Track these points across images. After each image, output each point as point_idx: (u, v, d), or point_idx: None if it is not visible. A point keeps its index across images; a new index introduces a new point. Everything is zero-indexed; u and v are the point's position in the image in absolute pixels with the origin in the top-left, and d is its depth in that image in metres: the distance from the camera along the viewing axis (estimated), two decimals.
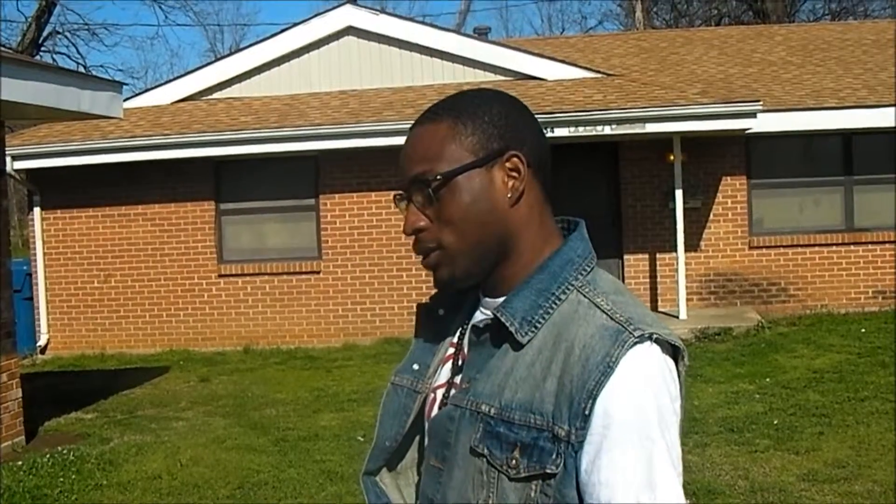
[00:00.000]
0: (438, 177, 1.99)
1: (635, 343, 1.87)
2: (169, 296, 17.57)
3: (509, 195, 2.03)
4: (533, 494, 1.90)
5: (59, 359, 17.21)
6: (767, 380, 12.08)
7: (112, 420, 11.82)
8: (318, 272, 17.26)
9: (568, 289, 2.00)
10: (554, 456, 1.87)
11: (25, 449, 10.36)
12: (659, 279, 17.25)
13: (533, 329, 1.97)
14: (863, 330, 14.75)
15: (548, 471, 1.88)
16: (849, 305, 16.91)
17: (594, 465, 1.85)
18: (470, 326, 2.11)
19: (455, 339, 2.20)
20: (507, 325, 1.98)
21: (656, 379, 1.89)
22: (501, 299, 2.05)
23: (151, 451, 10.10)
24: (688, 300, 16.40)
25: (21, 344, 14.81)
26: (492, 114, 2.06)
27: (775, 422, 9.97)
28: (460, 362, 2.14)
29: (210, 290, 17.50)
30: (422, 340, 2.29)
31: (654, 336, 1.90)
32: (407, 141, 2.08)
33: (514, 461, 1.91)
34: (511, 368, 1.97)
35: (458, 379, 2.11)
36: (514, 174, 2.03)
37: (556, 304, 1.99)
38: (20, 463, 9.56)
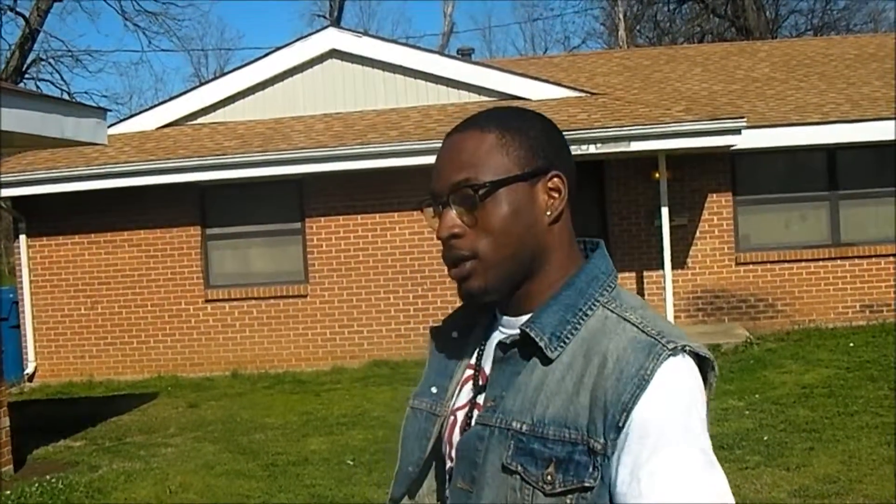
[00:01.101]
0: (487, 184, 1.99)
1: (669, 356, 1.89)
2: (156, 322, 17.52)
3: (548, 213, 2.05)
4: None
5: (46, 386, 17.14)
6: (757, 396, 12.07)
7: (101, 447, 11.77)
8: (305, 296, 17.23)
9: (594, 305, 2.02)
10: (591, 469, 1.88)
11: (14, 478, 10.30)
12: (646, 297, 17.22)
13: (562, 344, 1.98)
14: (851, 344, 14.75)
15: (586, 484, 1.88)
16: (837, 320, 16.92)
17: (633, 476, 1.85)
18: (496, 343, 2.09)
19: (472, 361, 2.20)
20: (537, 339, 1.98)
21: (691, 390, 1.91)
22: (525, 317, 2.05)
23: (140, 478, 10.05)
24: (675, 317, 16.41)
25: (8, 372, 14.78)
26: (537, 130, 2.08)
27: (765, 438, 9.95)
28: (481, 382, 2.13)
29: (197, 315, 17.46)
30: (437, 363, 2.29)
31: (687, 348, 1.92)
32: (447, 147, 2.08)
33: (549, 476, 1.90)
34: (541, 384, 1.97)
35: (480, 399, 2.11)
36: (555, 194, 2.05)
37: (583, 319, 2.00)
38: (8, 492, 9.51)
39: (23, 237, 17.67)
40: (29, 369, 17.61)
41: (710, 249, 17.26)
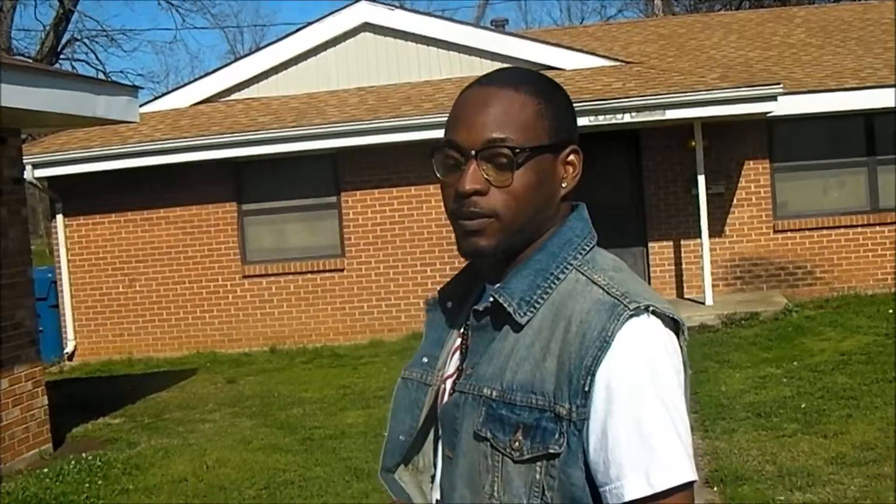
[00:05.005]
0: (527, 149, 1.96)
1: (631, 316, 1.86)
2: (194, 298, 17.59)
3: (564, 186, 2.04)
4: (538, 476, 1.88)
5: (86, 365, 17.24)
6: (795, 363, 12.00)
7: (139, 424, 11.83)
8: (342, 270, 17.25)
9: (567, 268, 1.99)
10: (556, 436, 1.86)
11: (53, 456, 10.37)
12: (684, 266, 17.17)
13: (532, 309, 1.96)
14: (890, 311, 14.61)
15: (551, 451, 1.86)
16: (876, 286, 16.78)
17: (601, 444, 1.83)
18: (471, 311, 2.08)
19: (462, 330, 2.17)
20: (506, 305, 1.97)
21: (656, 351, 1.87)
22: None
23: (178, 454, 10.10)
24: (714, 286, 16.32)
25: (48, 351, 14.89)
26: (565, 102, 2.07)
27: (803, 405, 9.89)
28: (466, 350, 2.12)
29: (234, 291, 17.51)
30: (431, 334, 2.27)
31: (651, 308, 1.88)
32: (478, 99, 2.01)
33: (517, 443, 1.89)
34: (511, 350, 1.96)
35: (464, 366, 2.09)
36: (570, 168, 2.04)
37: (554, 283, 1.97)
38: (46, 470, 9.57)
39: (60, 217, 17.74)
40: (68, 348, 17.71)
41: (747, 217, 17.15)
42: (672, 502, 1.80)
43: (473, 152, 1.97)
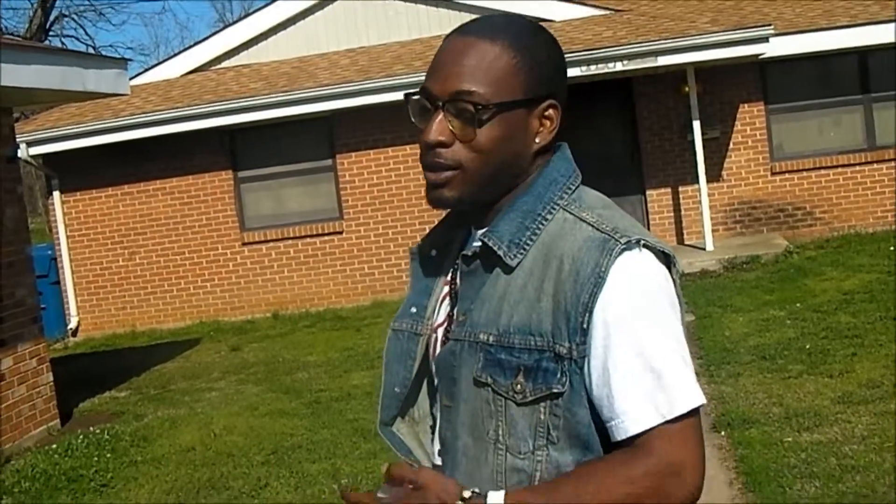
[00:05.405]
0: (492, 105, 1.94)
1: (623, 250, 1.87)
2: (195, 268, 17.59)
3: (538, 140, 2.01)
4: (542, 417, 1.89)
5: (90, 340, 17.27)
6: (798, 305, 11.99)
7: (145, 396, 11.85)
8: (341, 232, 17.23)
9: (553, 208, 1.99)
10: (559, 375, 1.86)
11: (61, 432, 10.40)
12: (683, 212, 17.15)
13: (522, 251, 1.96)
14: (891, 248, 14.58)
15: (554, 390, 1.87)
16: (876, 224, 16.75)
17: (603, 379, 1.84)
18: (460, 256, 2.08)
19: (449, 277, 2.17)
20: (495, 248, 1.96)
21: (650, 282, 1.89)
22: None
23: (185, 423, 10.11)
24: (713, 231, 16.30)
25: (52, 328, 14.92)
26: (548, 55, 2.03)
27: (807, 346, 9.89)
28: (456, 297, 2.11)
29: (235, 259, 17.50)
30: (417, 284, 2.28)
31: (643, 242, 1.89)
32: (453, 48, 2.00)
33: (518, 386, 1.90)
34: (504, 293, 1.96)
35: (455, 314, 2.09)
36: (547, 122, 2.02)
37: (542, 224, 1.97)
38: (55, 446, 9.58)
39: (56, 193, 17.72)
40: (72, 324, 17.72)
41: (744, 160, 17.11)
42: (682, 428, 1.81)
43: (441, 103, 1.96)
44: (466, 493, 1.83)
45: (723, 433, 7.61)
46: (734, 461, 7.03)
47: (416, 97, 2.04)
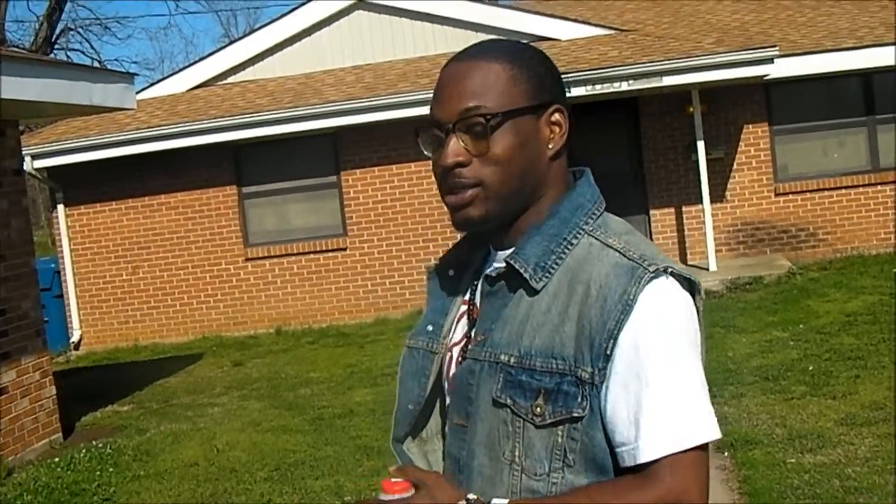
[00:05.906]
0: (499, 114, 1.97)
1: (652, 278, 1.88)
2: (198, 283, 17.59)
3: (550, 146, 2.04)
4: (560, 440, 1.90)
5: (93, 353, 17.26)
6: (801, 326, 12.00)
7: (148, 410, 11.84)
8: (345, 249, 17.24)
9: (579, 233, 2.00)
10: (579, 399, 1.88)
11: (63, 445, 10.39)
12: (686, 232, 17.16)
13: (547, 275, 1.97)
14: (894, 270, 14.59)
15: (574, 414, 1.88)
16: (879, 246, 16.75)
17: (619, 405, 1.85)
18: (483, 277, 2.10)
19: (467, 297, 2.19)
20: (521, 271, 1.98)
21: (677, 312, 1.91)
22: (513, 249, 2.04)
23: (188, 438, 10.11)
24: (717, 251, 16.30)
25: (54, 341, 14.90)
26: (544, 66, 2.07)
27: (810, 368, 9.89)
28: (474, 317, 2.13)
29: (238, 274, 17.51)
30: (434, 303, 2.28)
31: (670, 270, 1.91)
32: (452, 74, 2.04)
33: (538, 408, 1.91)
34: (527, 315, 1.97)
35: (473, 333, 2.10)
36: (556, 128, 2.04)
37: (568, 248, 1.99)
38: (57, 459, 9.58)
39: (61, 207, 17.74)
40: (74, 337, 17.72)
41: (748, 181, 17.12)
42: (693, 459, 1.83)
43: (451, 125, 1.99)
44: (471, 496, 1.87)
45: (726, 454, 7.61)
46: (738, 482, 7.04)
47: (425, 129, 2.07)
